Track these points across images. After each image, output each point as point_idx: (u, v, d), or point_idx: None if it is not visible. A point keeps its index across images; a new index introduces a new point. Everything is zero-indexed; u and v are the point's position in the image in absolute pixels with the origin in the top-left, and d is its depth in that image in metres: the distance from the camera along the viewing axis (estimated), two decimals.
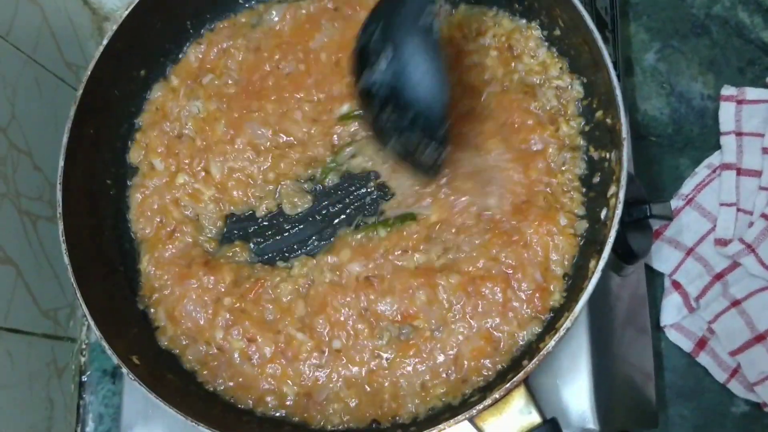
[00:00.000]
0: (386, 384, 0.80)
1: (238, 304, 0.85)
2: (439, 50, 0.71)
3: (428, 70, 0.71)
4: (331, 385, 0.82)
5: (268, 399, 0.83)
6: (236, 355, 0.84)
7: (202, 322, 0.85)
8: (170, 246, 0.89)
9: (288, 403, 0.82)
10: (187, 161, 0.91)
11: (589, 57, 0.80)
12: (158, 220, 0.90)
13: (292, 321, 0.83)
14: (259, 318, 0.84)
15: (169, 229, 0.90)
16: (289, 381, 0.82)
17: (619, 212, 0.72)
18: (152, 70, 0.94)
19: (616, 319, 0.95)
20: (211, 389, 0.84)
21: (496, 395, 0.70)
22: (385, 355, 0.81)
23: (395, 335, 0.81)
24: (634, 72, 1.15)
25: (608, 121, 0.79)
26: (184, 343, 0.85)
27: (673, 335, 1.05)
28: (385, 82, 0.72)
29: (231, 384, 0.84)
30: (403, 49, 0.70)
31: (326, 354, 0.82)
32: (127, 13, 0.87)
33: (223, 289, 0.86)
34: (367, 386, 0.81)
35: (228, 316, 0.84)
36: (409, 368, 0.80)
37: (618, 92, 0.75)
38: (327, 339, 0.82)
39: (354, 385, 0.81)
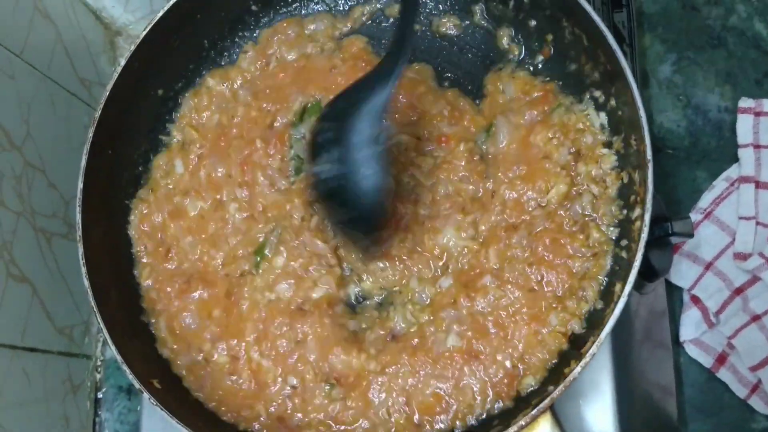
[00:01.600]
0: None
1: (225, 317, 0.86)
2: (385, 164, 0.77)
3: (369, 184, 0.77)
4: (299, 415, 0.82)
5: (244, 414, 0.83)
6: (218, 369, 0.85)
7: (194, 330, 0.86)
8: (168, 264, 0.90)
9: (262, 420, 0.82)
10: None
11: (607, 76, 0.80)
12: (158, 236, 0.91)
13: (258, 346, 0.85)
14: (240, 334, 0.85)
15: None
16: (261, 403, 0.83)
17: (645, 236, 0.71)
18: (170, 89, 0.94)
19: (636, 335, 0.94)
20: (197, 396, 0.84)
21: (522, 422, 0.70)
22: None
23: None
24: (650, 84, 1.14)
25: (633, 143, 0.78)
26: (178, 351, 0.86)
27: (692, 350, 1.04)
28: (329, 178, 0.78)
29: (213, 395, 0.84)
30: (350, 157, 0.76)
31: (295, 386, 0.83)
32: (145, 32, 0.86)
33: (212, 301, 0.87)
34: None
35: (216, 329, 0.85)
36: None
37: (642, 113, 0.74)
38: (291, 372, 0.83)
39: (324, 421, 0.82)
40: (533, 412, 0.69)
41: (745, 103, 1.09)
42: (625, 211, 0.80)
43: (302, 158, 0.90)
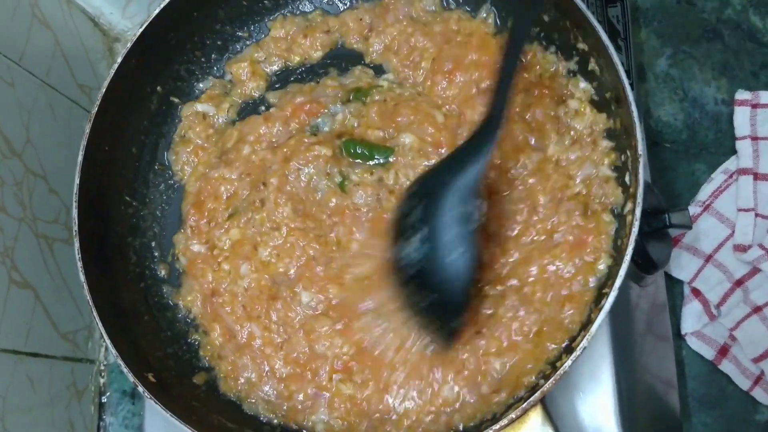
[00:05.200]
0: None
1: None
2: (475, 243, 0.72)
3: (457, 265, 0.71)
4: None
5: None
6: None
7: None
8: None
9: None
10: None
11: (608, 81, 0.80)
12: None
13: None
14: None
15: None
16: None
17: (635, 229, 0.71)
18: (167, 85, 0.94)
19: (636, 328, 0.94)
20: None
21: (513, 415, 0.69)
22: None
23: None
24: (647, 78, 1.15)
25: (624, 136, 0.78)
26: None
27: (694, 343, 1.04)
28: (414, 260, 0.73)
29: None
30: (439, 236, 0.71)
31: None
32: (141, 30, 0.87)
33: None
34: None
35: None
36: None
37: (634, 108, 0.74)
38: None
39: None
40: (524, 405, 0.69)
41: (741, 95, 1.09)
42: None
43: (317, 129, 0.90)
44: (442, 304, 0.74)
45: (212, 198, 0.90)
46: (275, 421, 0.83)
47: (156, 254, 0.93)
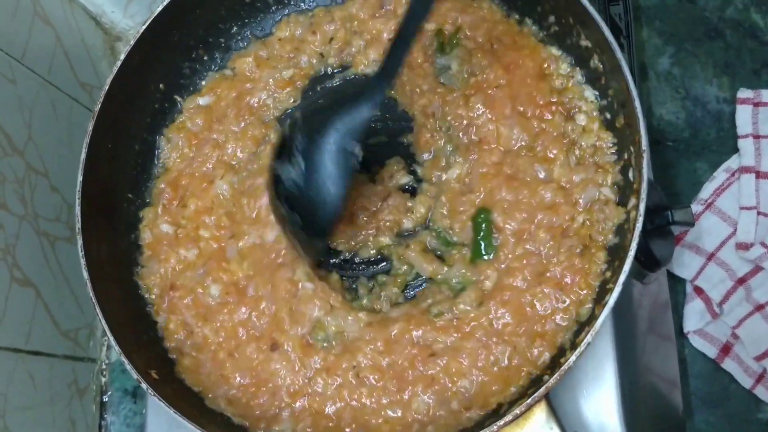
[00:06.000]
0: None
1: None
2: (348, 183, 0.77)
3: (328, 199, 0.78)
4: None
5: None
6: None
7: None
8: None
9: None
10: None
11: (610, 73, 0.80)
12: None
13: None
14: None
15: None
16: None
17: (639, 225, 0.71)
18: (170, 83, 0.94)
19: (639, 327, 0.94)
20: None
21: (517, 411, 0.69)
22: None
23: None
24: (649, 77, 1.15)
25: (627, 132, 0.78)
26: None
27: (696, 342, 1.04)
28: (291, 184, 0.79)
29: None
30: (317, 170, 0.77)
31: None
32: (143, 28, 0.87)
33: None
34: None
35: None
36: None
37: (637, 103, 0.74)
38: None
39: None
40: (528, 401, 0.69)
41: (743, 93, 1.09)
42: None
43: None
44: (308, 227, 0.80)
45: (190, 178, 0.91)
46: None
47: None
